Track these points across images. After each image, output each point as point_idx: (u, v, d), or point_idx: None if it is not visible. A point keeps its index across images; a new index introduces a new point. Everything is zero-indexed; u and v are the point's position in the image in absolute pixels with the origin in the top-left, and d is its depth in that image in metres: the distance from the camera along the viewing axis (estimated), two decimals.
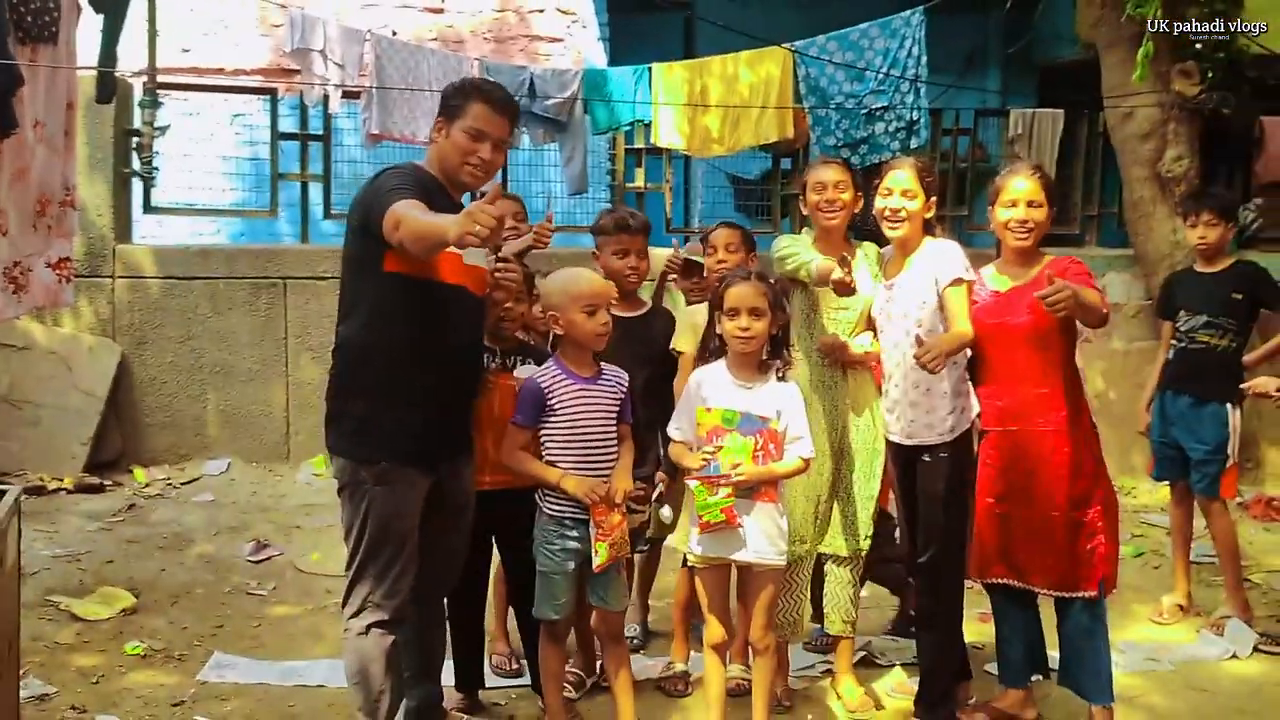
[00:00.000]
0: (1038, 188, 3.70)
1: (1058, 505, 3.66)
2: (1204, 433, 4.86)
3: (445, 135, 3.27)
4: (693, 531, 3.51)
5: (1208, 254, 5.01)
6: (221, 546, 5.73)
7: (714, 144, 7.87)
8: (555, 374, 3.49)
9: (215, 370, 7.07)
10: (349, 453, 3.21)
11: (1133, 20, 7.17)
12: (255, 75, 8.82)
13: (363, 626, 3.21)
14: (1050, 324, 3.60)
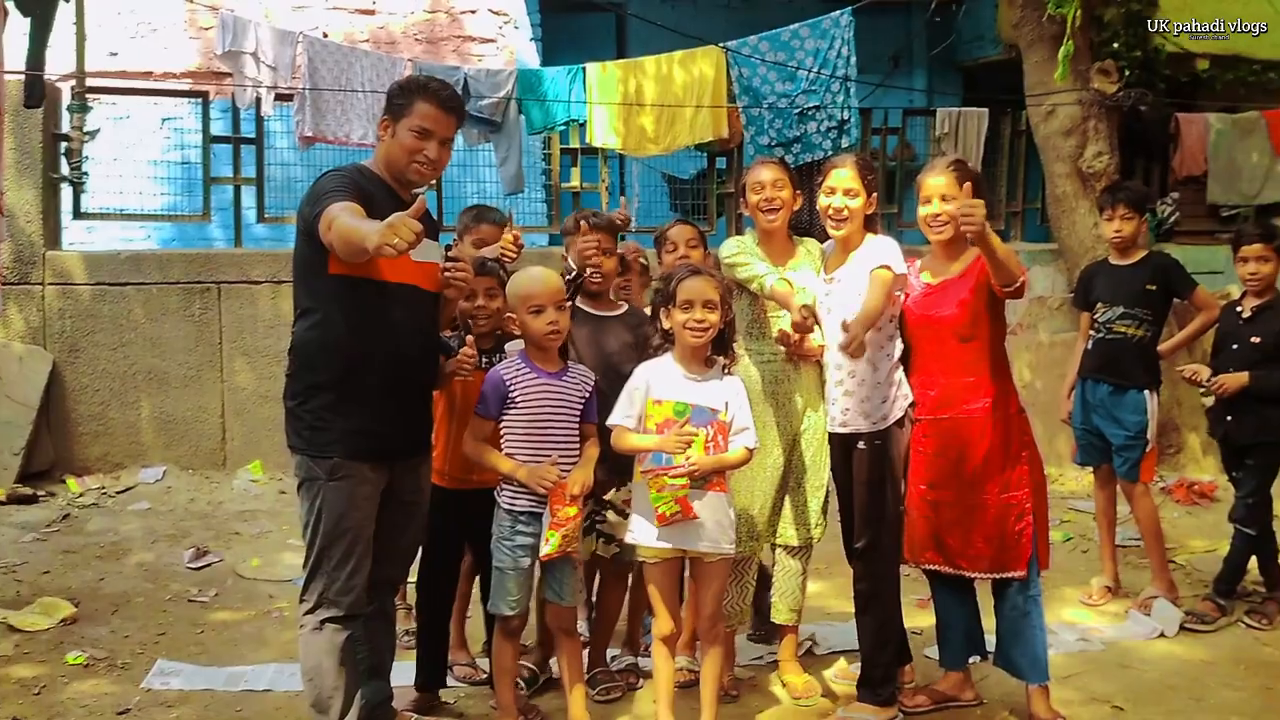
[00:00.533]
0: (950, 181, 3.74)
1: (986, 489, 3.75)
2: (1124, 419, 5.03)
3: (391, 134, 3.30)
4: (645, 526, 3.55)
5: (1123, 246, 5.15)
6: (160, 555, 5.67)
7: (649, 143, 7.94)
8: (519, 367, 3.54)
9: (149, 377, 6.98)
10: (304, 449, 3.24)
11: (1053, 20, 7.37)
12: (185, 78, 8.71)
13: (317, 622, 3.23)
14: (977, 314, 3.71)
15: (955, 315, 3.75)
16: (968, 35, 9.90)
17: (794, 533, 4.08)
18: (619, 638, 4.32)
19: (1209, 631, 4.79)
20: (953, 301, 3.75)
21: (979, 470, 3.76)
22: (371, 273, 3.17)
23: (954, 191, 3.71)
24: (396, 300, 3.25)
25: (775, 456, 3.98)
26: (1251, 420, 4.83)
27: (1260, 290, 4.87)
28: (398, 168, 3.30)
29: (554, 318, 3.50)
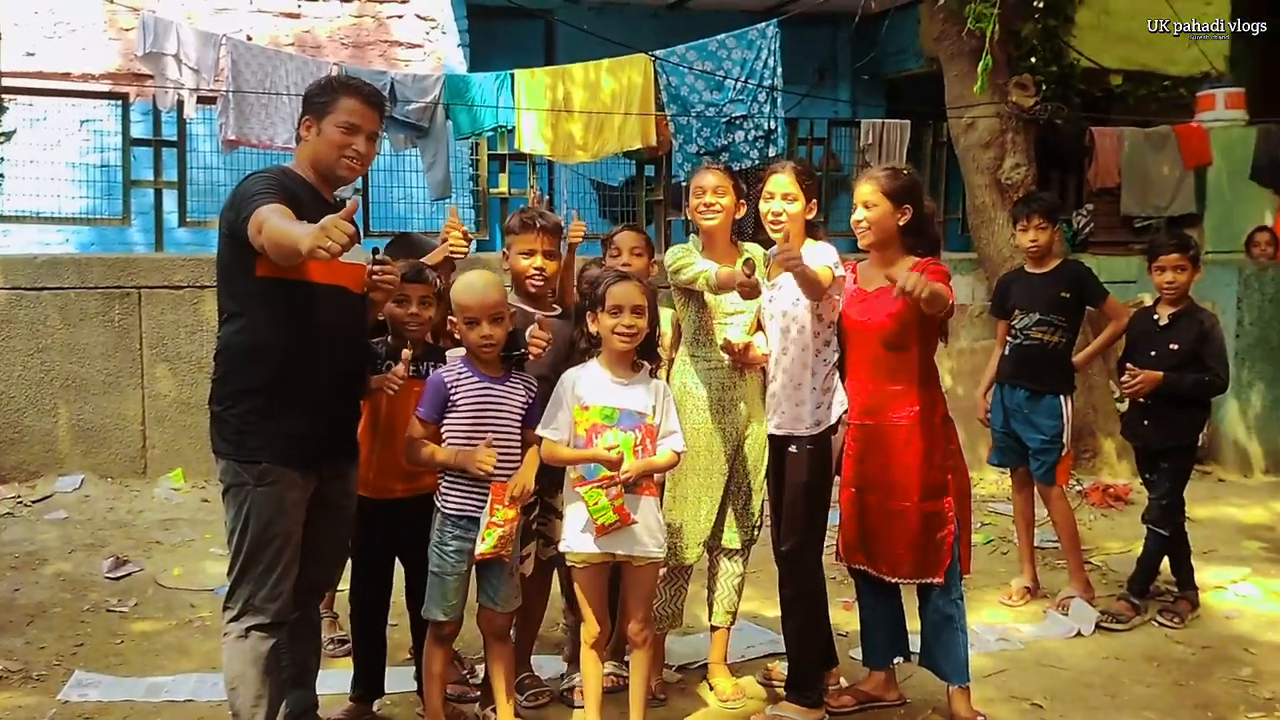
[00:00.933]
0: (872, 189, 3.81)
1: (910, 496, 3.81)
2: (1040, 423, 5.15)
3: (316, 133, 3.28)
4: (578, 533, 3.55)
5: (1038, 255, 5.28)
6: (78, 564, 5.54)
7: (578, 150, 7.96)
8: (461, 371, 3.53)
9: (66, 384, 6.81)
10: (231, 454, 3.20)
11: (973, 35, 7.53)
12: (105, 80, 8.53)
13: (242, 630, 3.19)
14: (907, 325, 3.77)
15: (885, 324, 3.81)
16: (891, 49, 10.07)
17: (735, 535, 4.11)
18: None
19: (1124, 630, 4.93)
20: (884, 310, 3.81)
21: (903, 477, 3.83)
22: (299, 275, 3.14)
23: (874, 198, 3.80)
24: (325, 302, 3.22)
25: (721, 464, 4.00)
26: (1166, 425, 4.98)
27: (1176, 298, 5.02)
28: (326, 164, 3.28)
29: (487, 331, 3.48)
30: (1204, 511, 6.70)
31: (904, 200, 3.84)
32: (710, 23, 9.17)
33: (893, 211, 3.82)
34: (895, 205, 3.82)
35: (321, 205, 3.24)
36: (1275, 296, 8.00)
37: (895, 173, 3.91)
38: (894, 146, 8.79)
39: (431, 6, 9.33)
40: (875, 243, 3.87)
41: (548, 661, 4.41)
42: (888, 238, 3.86)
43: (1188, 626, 4.99)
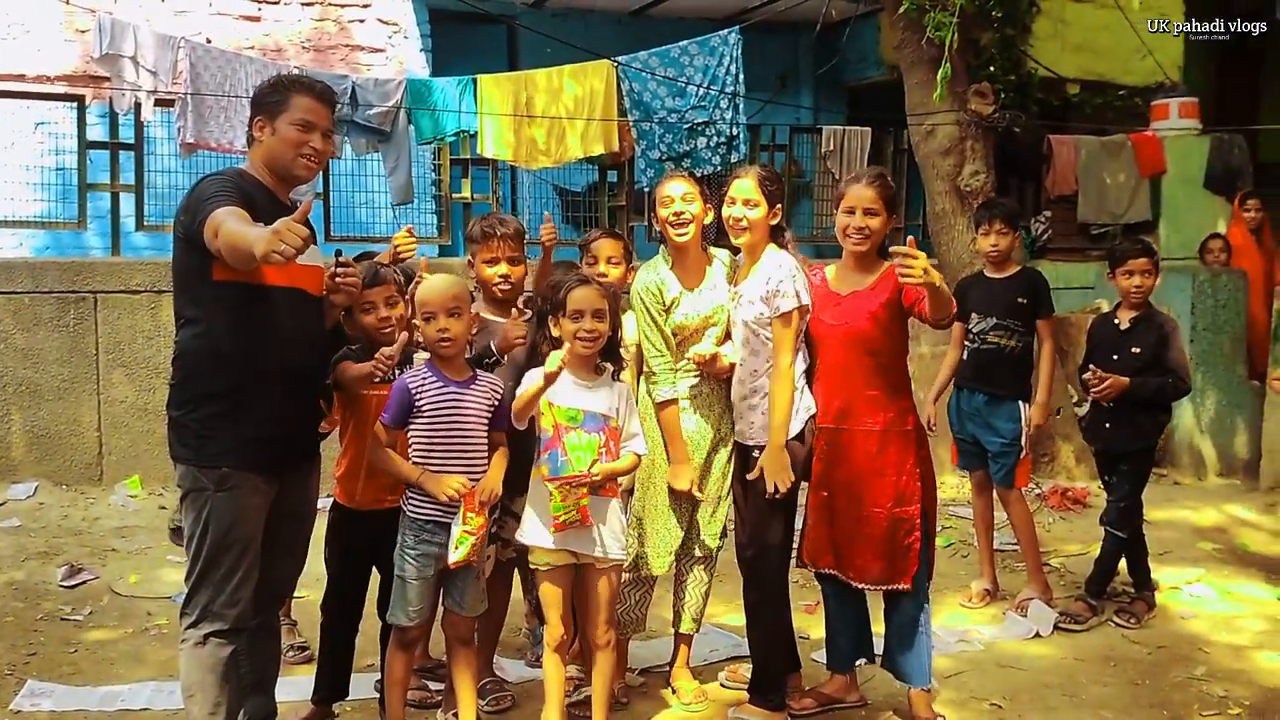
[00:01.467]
0: (875, 196, 3.81)
1: (880, 503, 3.81)
2: (999, 427, 5.19)
3: (270, 132, 3.23)
4: (539, 528, 3.55)
5: (998, 260, 5.32)
6: (32, 573, 5.46)
7: (540, 155, 7.96)
8: (425, 376, 3.49)
9: (20, 389, 6.71)
10: (191, 459, 3.16)
11: (932, 44, 7.60)
12: (60, 82, 8.42)
13: (200, 637, 3.15)
14: (886, 328, 3.78)
15: (865, 328, 3.79)
16: (852, 56, 10.16)
17: (704, 541, 4.08)
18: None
19: (1081, 631, 4.97)
20: (863, 314, 3.80)
21: (874, 484, 3.82)
22: (256, 279, 3.11)
23: (877, 205, 3.80)
24: (282, 305, 3.20)
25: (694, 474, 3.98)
26: (1127, 428, 5.03)
27: (1141, 302, 5.08)
28: (283, 164, 3.25)
29: (444, 325, 3.45)
30: (1159, 514, 6.79)
31: (894, 209, 3.89)
32: (673, 29, 9.21)
33: (887, 220, 3.85)
34: (889, 214, 3.86)
35: (278, 208, 3.20)
36: (1228, 302, 8.13)
37: (886, 179, 3.94)
38: (855, 153, 8.87)
39: (393, 11, 9.30)
40: (869, 251, 3.86)
41: (511, 665, 4.39)
42: (878, 245, 3.87)
43: (1144, 627, 5.05)
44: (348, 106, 7.43)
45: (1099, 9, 10.12)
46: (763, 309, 3.81)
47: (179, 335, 3.23)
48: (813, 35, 9.41)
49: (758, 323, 3.84)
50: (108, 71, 7.20)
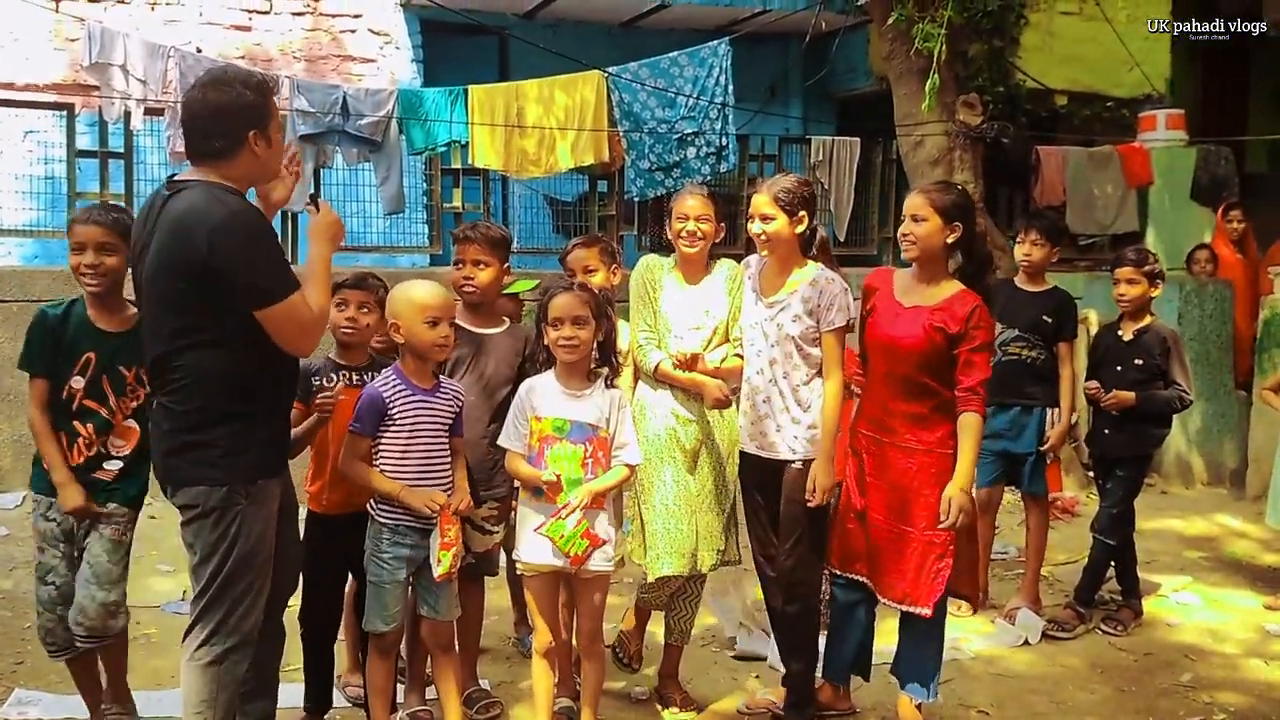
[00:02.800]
0: (921, 202, 3.76)
1: (913, 523, 3.75)
2: (1030, 434, 5.16)
3: (267, 144, 3.10)
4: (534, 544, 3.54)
5: (1030, 271, 5.30)
6: (19, 582, 5.43)
7: (531, 165, 7.98)
8: (395, 384, 3.50)
9: (9, 398, 6.68)
10: (220, 478, 3.03)
11: (920, 55, 7.64)
12: (50, 90, 8.42)
13: (215, 654, 3.06)
14: (939, 349, 3.70)
15: (920, 344, 3.72)
16: (841, 67, 10.21)
17: (705, 557, 4.00)
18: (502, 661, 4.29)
19: (1069, 638, 5.00)
20: (920, 329, 3.73)
21: (909, 502, 3.76)
22: None
23: (925, 211, 3.73)
24: None
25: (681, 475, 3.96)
26: (1128, 434, 5.05)
27: (1132, 312, 5.09)
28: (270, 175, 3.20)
29: (448, 332, 3.50)
30: (1147, 522, 6.80)
31: (955, 217, 3.75)
32: (663, 41, 9.25)
33: (942, 228, 3.74)
34: (945, 222, 3.74)
35: None
36: (1215, 312, 8.18)
37: (948, 187, 3.86)
38: (844, 163, 8.91)
39: (385, 21, 9.32)
40: (920, 258, 3.80)
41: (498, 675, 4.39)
42: (933, 254, 3.78)
43: (1131, 634, 5.07)
44: (339, 116, 7.44)
45: (1086, 21, 10.20)
46: (809, 322, 3.80)
47: (186, 359, 3.02)
48: (802, 46, 9.46)
49: (803, 337, 3.82)
50: (97, 80, 7.22)
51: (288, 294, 2.95)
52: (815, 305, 3.81)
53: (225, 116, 3.01)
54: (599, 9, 9.58)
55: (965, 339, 3.68)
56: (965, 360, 3.69)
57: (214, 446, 3.02)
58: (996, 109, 8.84)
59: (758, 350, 3.92)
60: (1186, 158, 9.79)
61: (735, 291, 4.03)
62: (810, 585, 3.96)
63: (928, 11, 7.49)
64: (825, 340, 3.80)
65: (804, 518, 3.85)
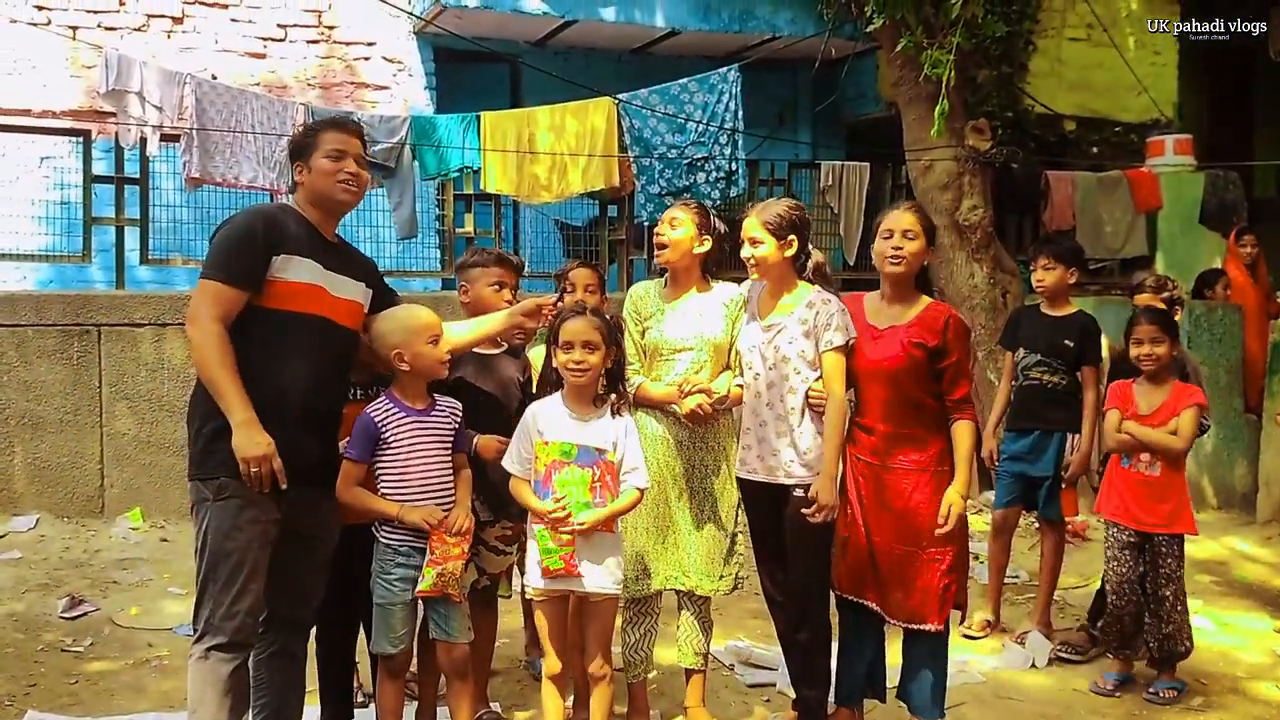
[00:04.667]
0: (913, 220, 3.83)
1: (915, 541, 3.76)
2: (1049, 458, 5.16)
3: (308, 172, 3.39)
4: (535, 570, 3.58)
5: (1047, 295, 5.29)
6: (32, 604, 5.46)
7: (542, 191, 8.03)
8: (387, 408, 3.51)
9: (22, 421, 6.74)
10: (195, 474, 3.24)
11: (929, 81, 7.69)
12: (66, 117, 8.51)
13: (203, 650, 3.18)
14: (918, 366, 3.75)
15: (901, 364, 3.77)
16: (850, 93, 10.27)
17: (705, 582, 4.00)
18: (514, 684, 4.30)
19: (1082, 661, 4.99)
20: (900, 350, 3.77)
21: (910, 523, 3.78)
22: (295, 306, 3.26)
23: (915, 229, 3.81)
24: (304, 331, 3.27)
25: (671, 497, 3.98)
26: None
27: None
28: (324, 193, 3.37)
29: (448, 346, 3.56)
30: None
31: (932, 238, 3.89)
32: (673, 67, 9.30)
33: (925, 249, 3.86)
34: (929, 242, 3.87)
35: (318, 243, 3.36)
36: (1224, 336, 8.17)
37: (923, 209, 3.98)
38: (853, 188, 8.95)
39: (399, 49, 9.41)
40: (905, 275, 3.86)
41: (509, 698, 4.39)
42: (914, 273, 3.87)
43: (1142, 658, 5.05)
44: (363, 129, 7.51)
45: (1094, 48, 10.25)
46: (805, 344, 3.82)
47: None
48: (811, 72, 9.51)
49: (801, 358, 3.84)
50: (114, 107, 7.29)
51: (206, 275, 3.24)
52: (811, 326, 3.82)
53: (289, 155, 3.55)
54: (609, 36, 9.66)
55: (945, 352, 3.75)
56: (951, 374, 3.76)
57: (197, 441, 3.24)
58: (1005, 134, 8.88)
59: (756, 374, 3.93)
60: (1195, 183, 9.81)
61: (736, 316, 4.03)
62: (819, 610, 3.95)
63: (936, 38, 7.55)
64: (825, 360, 3.81)
65: (810, 543, 3.85)
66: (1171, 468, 4.61)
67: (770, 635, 4.53)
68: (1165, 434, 4.58)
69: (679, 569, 4.01)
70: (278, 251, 3.24)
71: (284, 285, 3.25)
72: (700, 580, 4.00)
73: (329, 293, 3.30)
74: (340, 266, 3.41)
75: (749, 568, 4.15)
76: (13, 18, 8.31)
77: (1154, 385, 4.69)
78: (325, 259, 3.35)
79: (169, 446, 6.86)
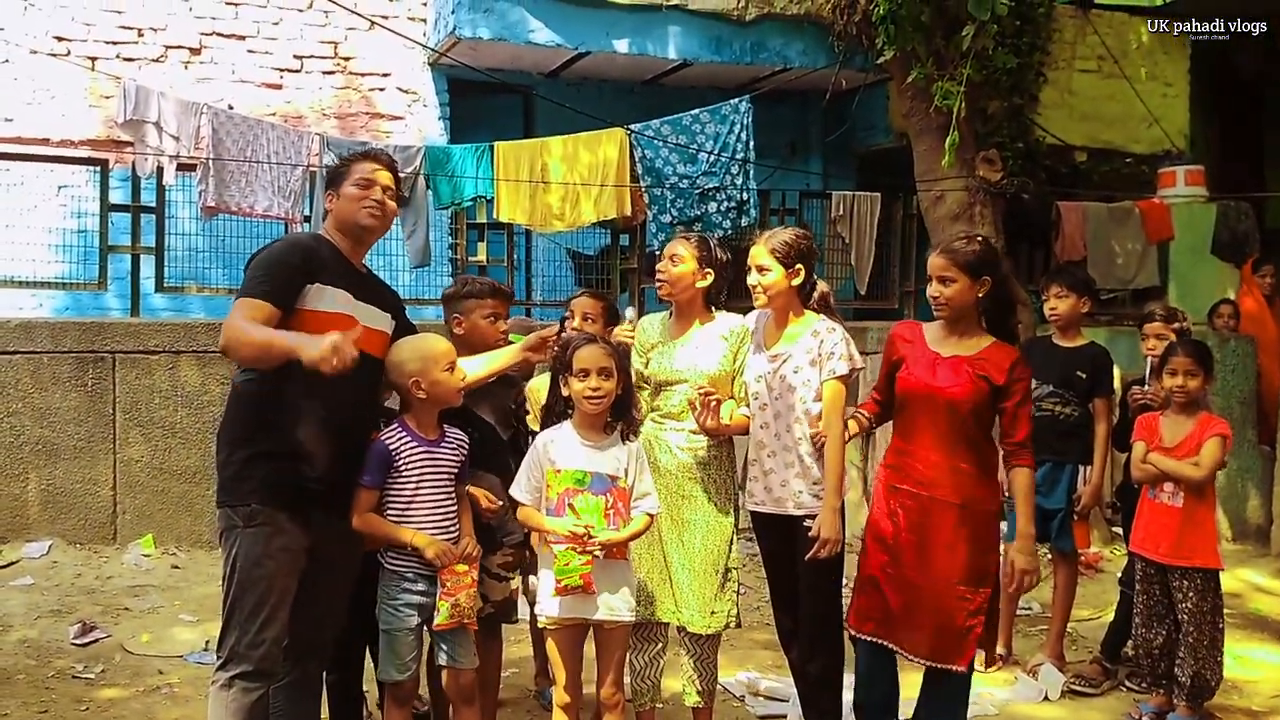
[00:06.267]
0: (945, 263, 3.70)
1: (947, 578, 3.65)
2: (1061, 490, 5.15)
3: (337, 198, 3.47)
4: (550, 597, 3.56)
5: (1059, 324, 5.28)
6: (44, 631, 5.47)
7: (555, 220, 8.08)
8: (401, 436, 3.53)
9: (37, 448, 6.77)
10: (225, 500, 3.27)
11: (940, 112, 7.73)
12: (84, 146, 8.60)
13: (227, 679, 3.19)
14: (979, 401, 3.64)
15: (963, 394, 3.66)
16: (861, 124, 10.32)
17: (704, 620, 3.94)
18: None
19: (1095, 694, 4.95)
20: (964, 380, 3.67)
21: (943, 557, 3.66)
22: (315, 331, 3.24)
23: (950, 271, 3.69)
24: None
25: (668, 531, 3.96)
26: None
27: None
28: (350, 218, 3.43)
29: (464, 374, 3.58)
30: None
31: (982, 272, 3.69)
32: (685, 98, 9.37)
33: (971, 285, 3.69)
34: (973, 279, 3.69)
35: (348, 271, 3.41)
36: (1237, 367, 8.15)
37: (968, 241, 3.78)
38: (864, 218, 8.97)
39: (413, 80, 9.50)
40: (953, 317, 3.75)
41: None
42: (966, 311, 3.74)
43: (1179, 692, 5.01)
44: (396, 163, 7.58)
45: (1105, 79, 10.29)
46: (810, 373, 3.82)
47: (237, 380, 3.37)
48: (822, 103, 9.58)
49: (807, 386, 3.83)
50: (131, 136, 7.36)
51: (243, 295, 3.23)
52: (816, 355, 3.82)
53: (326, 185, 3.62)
54: (622, 68, 9.73)
55: (1008, 393, 3.66)
56: (1011, 414, 3.68)
57: (228, 467, 3.27)
58: (1016, 165, 8.89)
59: (762, 404, 3.92)
60: (1206, 213, 9.81)
61: (737, 347, 4.01)
62: (831, 641, 3.93)
63: (947, 69, 7.59)
64: (826, 389, 3.80)
65: (822, 573, 3.83)
66: (1196, 499, 4.56)
67: (781, 666, 4.53)
68: (1186, 464, 4.55)
69: (673, 603, 3.96)
70: (313, 279, 3.28)
71: (318, 316, 3.27)
72: (692, 617, 3.94)
73: (360, 323, 3.34)
74: (369, 297, 3.45)
75: (761, 600, 4.12)
76: (33, 48, 8.42)
77: (1182, 417, 4.64)
78: (356, 289, 3.40)
79: (181, 474, 6.89)
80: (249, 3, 9.12)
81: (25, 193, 8.04)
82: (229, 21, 9.07)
